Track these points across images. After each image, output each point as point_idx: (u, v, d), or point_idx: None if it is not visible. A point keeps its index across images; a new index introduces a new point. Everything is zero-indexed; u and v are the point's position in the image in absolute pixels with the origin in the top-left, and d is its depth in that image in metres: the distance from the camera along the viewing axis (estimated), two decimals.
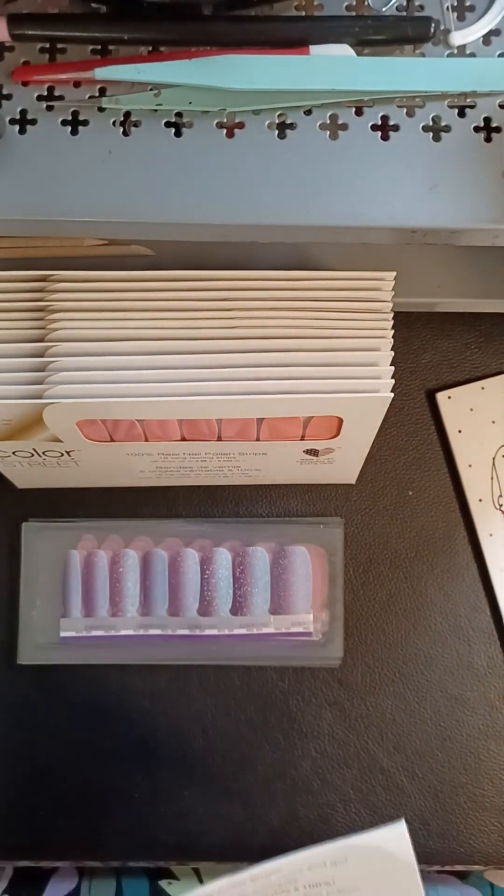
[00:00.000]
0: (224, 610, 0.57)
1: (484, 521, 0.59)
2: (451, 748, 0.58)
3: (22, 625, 0.58)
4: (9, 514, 0.59)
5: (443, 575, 0.59)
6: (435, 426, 0.60)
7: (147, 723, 0.58)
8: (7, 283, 0.45)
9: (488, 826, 0.57)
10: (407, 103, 0.41)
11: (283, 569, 0.57)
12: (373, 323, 0.45)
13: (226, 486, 0.60)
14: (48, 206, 0.41)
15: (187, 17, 0.42)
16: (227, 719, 0.58)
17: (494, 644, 0.58)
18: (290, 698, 0.58)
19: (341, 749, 0.58)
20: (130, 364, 0.44)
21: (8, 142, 0.41)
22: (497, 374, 0.60)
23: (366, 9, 0.42)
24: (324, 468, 0.55)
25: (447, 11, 0.42)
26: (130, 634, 0.57)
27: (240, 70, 0.40)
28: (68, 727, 0.58)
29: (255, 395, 0.44)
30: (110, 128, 0.41)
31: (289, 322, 0.45)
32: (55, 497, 0.59)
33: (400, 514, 0.60)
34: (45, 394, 0.44)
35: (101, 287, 0.45)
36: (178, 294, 0.45)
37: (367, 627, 0.59)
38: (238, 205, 0.41)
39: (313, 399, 0.44)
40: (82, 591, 0.57)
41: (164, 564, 0.57)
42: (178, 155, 0.41)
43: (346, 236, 0.42)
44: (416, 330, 0.61)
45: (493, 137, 0.41)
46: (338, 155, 0.41)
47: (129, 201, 0.41)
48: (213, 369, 0.44)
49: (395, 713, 0.58)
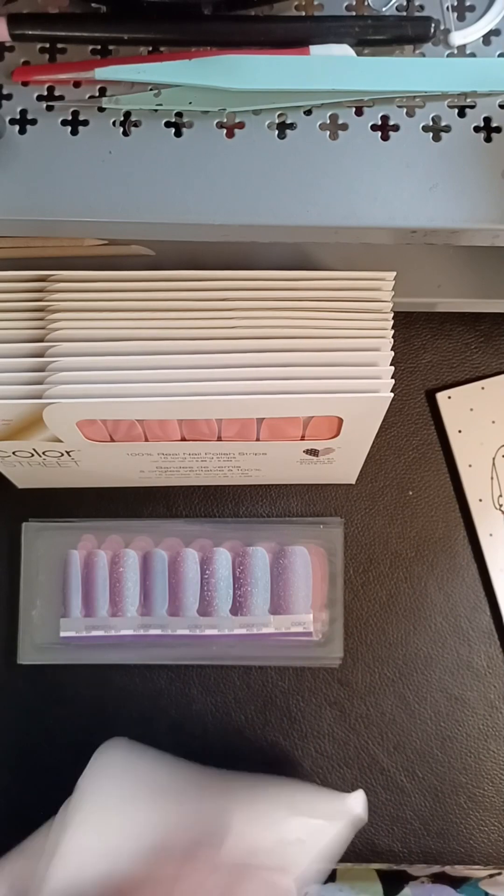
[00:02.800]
0: (224, 610, 0.57)
1: (484, 521, 0.59)
2: (451, 748, 0.58)
3: (22, 625, 0.58)
4: (9, 514, 0.59)
5: (443, 575, 0.59)
6: (435, 426, 0.60)
7: (147, 723, 0.58)
8: (7, 283, 0.45)
9: (488, 826, 0.57)
10: (407, 103, 0.41)
11: (283, 569, 0.57)
12: (373, 323, 0.45)
13: (226, 486, 0.60)
14: (48, 206, 0.41)
15: (187, 17, 0.42)
16: (227, 719, 0.58)
17: (494, 644, 0.58)
18: (290, 698, 0.58)
19: (341, 749, 0.58)
20: (130, 364, 0.44)
21: (8, 142, 0.41)
22: (497, 374, 0.60)
23: (366, 9, 0.42)
24: (324, 468, 0.55)
25: (447, 11, 0.42)
26: (130, 634, 0.57)
27: (240, 70, 0.40)
28: (68, 727, 0.58)
29: (255, 395, 0.44)
30: (110, 128, 0.41)
31: (289, 322, 0.45)
32: (55, 497, 0.59)
33: (400, 514, 0.60)
34: (45, 394, 0.44)
35: (101, 287, 0.45)
36: (178, 294, 0.45)
37: (367, 627, 0.59)
38: (238, 205, 0.41)
39: (313, 399, 0.44)
40: (82, 591, 0.57)
41: (164, 564, 0.57)
42: (178, 155, 0.41)
43: (346, 236, 0.42)
44: (416, 330, 0.61)
45: (493, 137, 0.41)
46: (338, 155, 0.41)
47: (129, 201, 0.41)
48: (213, 369, 0.44)
49: (395, 713, 0.58)
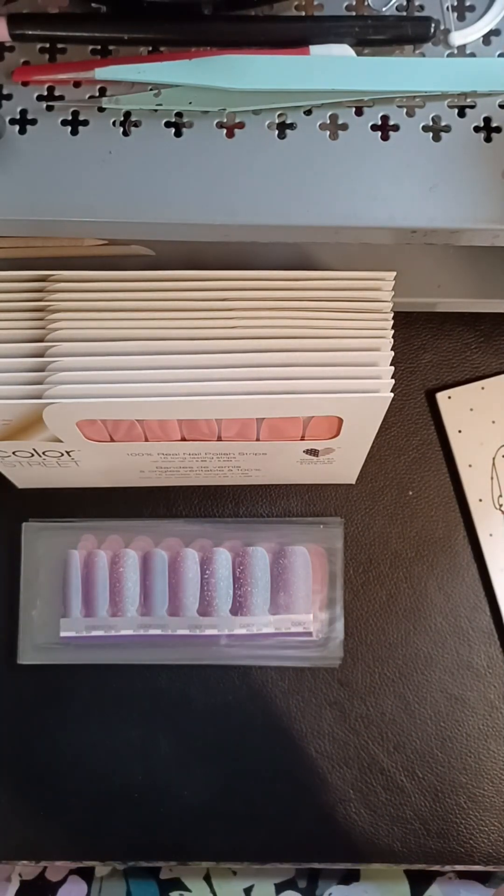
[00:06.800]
0: (224, 610, 0.57)
1: (484, 521, 0.59)
2: (451, 748, 0.58)
3: (22, 625, 0.58)
4: (9, 514, 0.59)
5: (443, 575, 0.59)
6: (435, 426, 0.60)
7: (147, 723, 0.58)
8: (7, 283, 0.45)
9: (488, 826, 0.57)
10: (407, 103, 0.41)
11: (283, 569, 0.57)
12: (373, 323, 0.45)
13: (226, 486, 0.60)
14: (48, 206, 0.41)
15: (187, 17, 0.42)
16: (227, 719, 0.58)
17: (494, 644, 0.58)
18: (290, 698, 0.58)
19: (341, 749, 0.58)
20: (130, 364, 0.44)
21: (8, 142, 0.41)
22: (497, 374, 0.60)
23: (366, 9, 0.42)
24: (324, 468, 0.55)
25: (447, 11, 0.42)
26: (130, 634, 0.57)
27: (240, 70, 0.40)
28: (68, 727, 0.58)
29: (255, 395, 0.44)
30: (110, 128, 0.41)
31: (289, 322, 0.45)
32: (55, 497, 0.59)
33: (400, 514, 0.60)
34: (45, 394, 0.44)
35: (101, 287, 0.45)
36: (178, 294, 0.45)
37: (367, 627, 0.59)
38: (238, 205, 0.41)
39: (313, 399, 0.44)
40: (82, 591, 0.57)
41: (164, 564, 0.57)
42: (178, 155, 0.41)
43: (346, 236, 0.42)
44: (416, 330, 0.61)
45: (493, 137, 0.41)
46: (338, 155, 0.41)
47: (129, 201, 0.41)
48: (213, 369, 0.44)
49: (395, 713, 0.58)
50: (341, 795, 0.57)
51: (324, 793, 0.57)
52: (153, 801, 0.57)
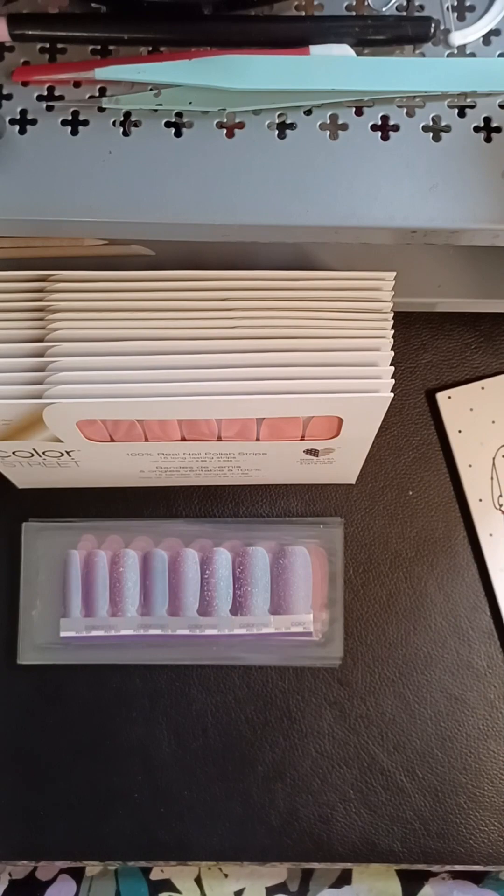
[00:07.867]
0: (224, 610, 0.57)
1: (484, 521, 0.59)
2: (451, 748, 0.58)
3: (22, 625, 0.58)
4: (9, 514, 0.59)
5: (443, 575, 0.59)
6: (435, 426, 0.60)
7: (147, 723, 0.58)
8: (7, 283, 0.45)
9: (488, 826, 0.57)
10: (407, 103, 0.41)
11: (283, 569, 0.57)
12: (373, 323, 0.45)
13: (226, 486, 0.60)
14: (48, 206, 0.41)
15: (187, 17, 0.42)
16: (227, 719, 0.58)
17: (494, 644, 0.58)
18: (290, 698, 0.58)
19: (341, 749, 0.58)
20: (130, 364, 0.44)
21: (8, 142, 0.41)
22: (497, 374, 0.60)
23: (366, 9, 0.42)
24: (324, 468, 0.55)
25: (447, 11, 0.42)
26: (130, 634, 0.57)
27: (240, 70, 0.40)
28: (68, 727, 0.58)
29: (255, 395, 0.44)
30: (110, 128, 0.41)
31: (289, 322, 0.45)
32: (55, 497, 0.59)
33: (400, 514, 0.60)
34: (45, 394, 0.44)
35: (101, 287, 0.45)
36: (178, 294, 0.45)
37: (367, 627, 0.59)
38: (238, 205, 0.41)
39: (313, 399, 0.44)
40: (82, 591, 0.57)
41: (164, 564, 0.57)
42: (178, 155, 0.41)
43: (346, 236, 0.42)
44: (416, 330, 0.61)
45: (493, 137, 0.41)
46: (338, 155, 0.41)
47: (128, 201, 0.41)
48: (213, 369, 0.44)
49: (395, 713, 0.58)
50: (341, 795, 0.57)
51: (324, 793, 0.57)
52: (153, 801, 0.57)
